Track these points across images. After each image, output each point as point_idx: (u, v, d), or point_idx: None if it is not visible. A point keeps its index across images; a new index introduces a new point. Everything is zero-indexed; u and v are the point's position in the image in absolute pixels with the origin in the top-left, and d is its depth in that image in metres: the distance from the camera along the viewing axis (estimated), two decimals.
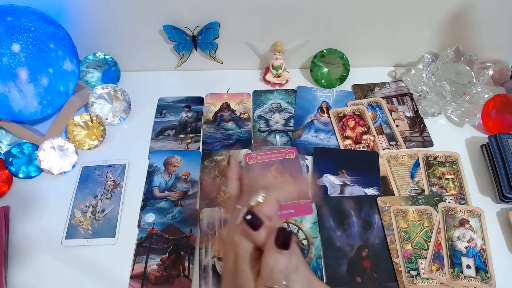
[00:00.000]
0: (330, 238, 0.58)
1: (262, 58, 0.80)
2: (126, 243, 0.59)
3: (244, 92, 0.78)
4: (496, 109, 0.69)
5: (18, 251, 0.58)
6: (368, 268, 0.55)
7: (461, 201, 0.62)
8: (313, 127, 0.72)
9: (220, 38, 0.74)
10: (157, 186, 0.65)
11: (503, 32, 0.74)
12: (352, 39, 0.76)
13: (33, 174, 0.66)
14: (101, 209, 0.62)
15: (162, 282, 0.54)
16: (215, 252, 0.57)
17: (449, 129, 0.72)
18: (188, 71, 0.82)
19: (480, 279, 0.54)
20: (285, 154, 0.67)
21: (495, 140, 0.64)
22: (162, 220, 0.60)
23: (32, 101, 0.62)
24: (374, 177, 0.65)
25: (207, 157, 0.68)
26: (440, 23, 0.73)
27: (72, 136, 0.69)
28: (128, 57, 0.79)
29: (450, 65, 0.73)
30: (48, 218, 0.62)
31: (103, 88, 0.72)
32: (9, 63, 0.57)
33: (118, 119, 0.73)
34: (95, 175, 0.66)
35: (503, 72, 0.76)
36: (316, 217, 0.60)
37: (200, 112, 0.75)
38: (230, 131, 0.72)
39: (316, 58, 0.78)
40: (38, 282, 0.56)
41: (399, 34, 0.75)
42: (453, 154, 0.67)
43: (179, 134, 0.72)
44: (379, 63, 0.82)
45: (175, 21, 0.71)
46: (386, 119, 0.73)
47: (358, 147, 0.69)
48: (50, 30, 0.62)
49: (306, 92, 0.78)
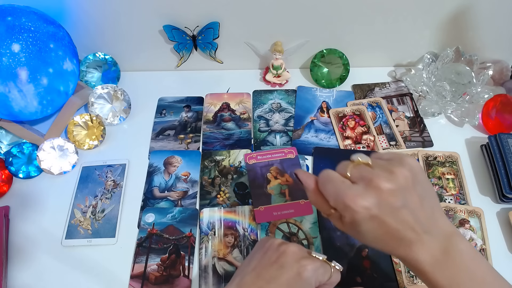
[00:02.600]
0: (330, 238, 0.58)
1: (262, 58, 0.80)
2: (126, 243, 0.59)
3: (244, 92, 0.78)
4: (496, 109, 0.69)
5: (18, 251, 0.58)
6: (368, 268, 0.55)
7: (461, 201, 0.62)
8: (313, 127, 0.72)
9: (220, 38, 0.74)
10: (157, 186, 0.65)
11: (503, 32, 0.74)
12: (352, 39, 0.76)
13: (33, 174, 0.66)
14: (101, 209, 0.62)
15: (162, 282, 0.54)
16: (215, 252, 0.57)
17: (449, 129, 0.72)
18: (188, 71, 0.82)
19: None
20: (285, 154, 0.67)
21: (495, 140, 0.64)
22: (162, 220, 0.60)
23: (32, 101, 0.62)
24: None
25: (207, 157, 0.68)
26: (440, 23, 0.73)
27: (72, 136, 0.69)
28: (128, 57, 0.79)
29: (450, 65, 0.73)
30: (48, 218, 0.62)
31: (103, 88, 0.72)
32: (9, 63, 0.57)
33: (118, 119, 0.73)
34: (95, 175, 0.66)
35: (503, 72, 0.76)
36: (316, 217, 0.60)
37: (200, 112, 0.75)
38: (230, 131, 0.72)
39: (316, 58, 0.78)
40: (38, 282, 0.56)
41: (399, 34, 0.75)
42: (453, 154, 0.67)
43: (179, 134, 0.72)
44: (379, 63, 0.82)
45: (175, 21, 0.71)
46: (386, 119, 0.73)
47: (358, 147, 0.69)
48: (50, 30, 0.62)
49: (306, 92, 0.78)
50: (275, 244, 0.40)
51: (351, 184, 0.35)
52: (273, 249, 0.39)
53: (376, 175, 0.34)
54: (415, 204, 0.35)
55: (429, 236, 0.35)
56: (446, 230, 0.36)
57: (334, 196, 0.35)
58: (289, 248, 0.39)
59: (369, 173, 0.35)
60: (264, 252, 0.39)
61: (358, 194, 0.34)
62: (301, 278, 0.36)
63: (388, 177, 0.34)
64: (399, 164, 0.35)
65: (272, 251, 0.39)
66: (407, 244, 0.35)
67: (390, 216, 0.34)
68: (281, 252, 0.38)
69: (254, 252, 0.41)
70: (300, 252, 0.39)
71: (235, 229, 0.59)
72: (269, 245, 0.40)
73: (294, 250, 0.38)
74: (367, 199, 0.33)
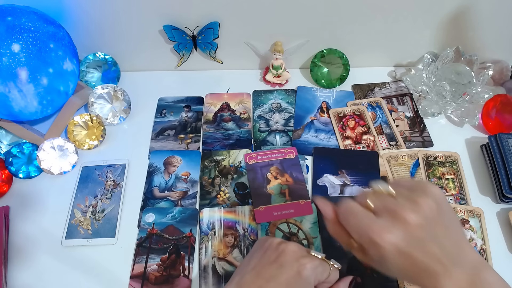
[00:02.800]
0: (330, 238, 0.58)
1: (262, 58, 0.80)
2: (126, 243, 0.59)
3: (244, 92, 0.78)
4: (496, 109, 0.69)
5: (18, 251, 0.58)
6: (368, 268, 0.55)
7: (461, 201, 0.62)
8: (313, 127, 0.72)
9: (220, 38, 0.74)
10: (157, 186, 0.65)
11: (503, 32, 0.74)
12: (352, 39, 0.76)
13: (33, 174, 0.66)
14: (101, 209, 0.62)
15: (162, 282, 0.54)
16: (215, 252, 0.57)
17: (449, 129, 0.72)
18: (188, 71, 0.82)
19: None
20: (285, 154, 0.67)
21: (495, 140, 0.64)
22: (162, 220, 0.60)
23: (32, 101, 0.62)
24: (374, 177, 0.65)
25: (207, 157, 0.68)
26: (440, 23, 0.73)
27: (72, 136, 0.69)
28: (128, 57, 0.79)
29: (450, 65, 0.73)
30: (48, 218, 0.62)
31: (103, 88, 0.72)
32: (9, 63, 0.57)
33: (118, 119, 0.73)
34: (95, 175, 0.66)
35: (503, 72, 0.76)
36: (316, 217, 0.60)
37: (200, 112, 0.75)
38: (230, 131, 0.72)
39: (316, 58, 0.78)
40: (38, 282, 0.56)
41: (399, 34, 0.75)
42: (453, 154, 0.67)
43: (179, 134, 0.72)
44: (379, 63, 0.82)
45: (175, 21, 0.71)
46: (386, 119, 0.73)
47: (358, 147, 0.69)
48: (50, 30, 0.62)
49: (306, 92, 0.78)
50: (275, 243, 0.40)
51: (375, 218, 0.34)
52: (272, 248, 0.39)
53: (401, 206, 0.33)
54: (441, 235, 0.34)
55: (456, 268, 0.33)
56: (474, 262, 0.34)
57: (358, 231, 0.34)
58: (289, 247, 0.39)
59: (393, 204, 0.34)
60: (264, 251, 0.39)
61: (385, 229, 0.33)
62: (300, 277, 0.36)
63: (413, 208, 0.33)
64: (423, 194, 0.34)
65: (271, 250, 0.39)
66: (434, 277, 0.33)
67: (417, 249, 0.33)
68: (280, 251, 0.38)
69: (254, 252, 0.41)
70: (300, 251, 0.39)
71: (235, 229, 0.59)
72: (268, 244, 0.40)
73: (293, 249, 0.38)
74: (395, 234, 0.32)
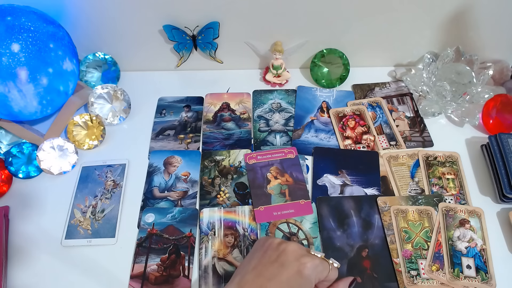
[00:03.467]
0: (330, 238, 0.58)
1: (262, 58, 0.80)
2: (126, 243, 0.59)
3: (244, 92, 0.78)
4: (496, 109, 0.69)
5: (18, 251, 0.58)
6: (368, 268, 0.55)
7: (461, 201, 0.62)
8: (313, 127, 0.72)
9: (220, 38, 0.74)
10: (157, 186, 0.65)
11: (503, 32, 0.74)
12: (352, 39, 0.76)
13: (33, 174, 0.66)
14: (101, 209, 0.62)
15: (162, 282, 0.54)
16: (215, 252, 0.57)
17: (449, 129, 0.72)
18: (188, 71, 0.82)
19: (480, 279, 0.54)
20: (285, 154, 0.67)
21: (495, 140, 0.64)
22: (162, 220, 0.60)
23: (32, 101, 0.62)
24: (374, 177, 0.65)
25: (207, 157, 0.68)
26: (440, 23, 0.73)
27: (72, 136, 0.69)
28: (128, 57, 0.79)
29: (450, 65, 0.73)
30: (48, 218, 0.62)
31: (103, 88, 0.72)
32: (8, 63, 0.57)
33: (118, 119, 0.73)
34: (95, 175, 0.66)
35: (503, 72, 0.76)
36: (316, 217, 0.60)
37: (200, 112, 0.75)
38: (230, 131, 0.72)
39: (316, 58, 0.78)
40: (38, 282, 0.56)
41: (399, 34, 0.75)
42: (453, 154, 0.67)
43: (179, 134, 0.72)
44: (379, 63, 0.82)
45: (175, 21, 0.71)
46: (386, 119, 0.73)
47: (358, 147, 0.69)
48: (49, 30, 0.62)
49: (306, 92, 0.78)
50: (275, 243, 0.40)
51: None
52: (273, 248, 0.39)
53: None
54: None
55: None
56: None
57: None
58: (289, 246, 0.39)
59: None
60: (264, 251, 0.39)
61: None
62: (301, 275, 0.36)
63: None
64: None
65: (272, 250, 0.39)
66: None
67: None
68: (281, 251, 0.39)
69: (254, 251, 0.41)
70: (300, 250, 0.39)
71: (235, 229, 0.59)
72: (268, 244, 0.40)
73: (293, 249, 0.39)
74: None
